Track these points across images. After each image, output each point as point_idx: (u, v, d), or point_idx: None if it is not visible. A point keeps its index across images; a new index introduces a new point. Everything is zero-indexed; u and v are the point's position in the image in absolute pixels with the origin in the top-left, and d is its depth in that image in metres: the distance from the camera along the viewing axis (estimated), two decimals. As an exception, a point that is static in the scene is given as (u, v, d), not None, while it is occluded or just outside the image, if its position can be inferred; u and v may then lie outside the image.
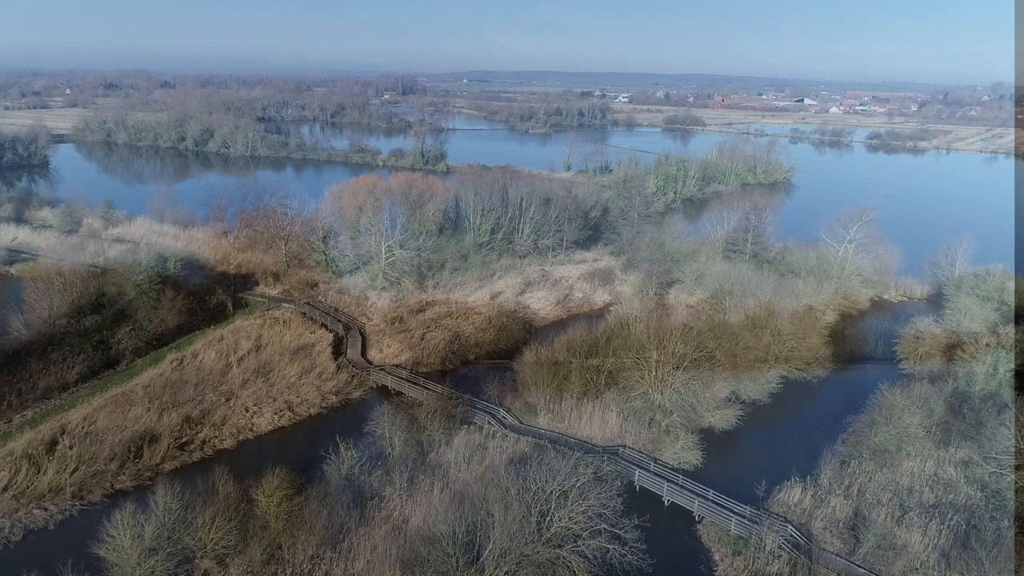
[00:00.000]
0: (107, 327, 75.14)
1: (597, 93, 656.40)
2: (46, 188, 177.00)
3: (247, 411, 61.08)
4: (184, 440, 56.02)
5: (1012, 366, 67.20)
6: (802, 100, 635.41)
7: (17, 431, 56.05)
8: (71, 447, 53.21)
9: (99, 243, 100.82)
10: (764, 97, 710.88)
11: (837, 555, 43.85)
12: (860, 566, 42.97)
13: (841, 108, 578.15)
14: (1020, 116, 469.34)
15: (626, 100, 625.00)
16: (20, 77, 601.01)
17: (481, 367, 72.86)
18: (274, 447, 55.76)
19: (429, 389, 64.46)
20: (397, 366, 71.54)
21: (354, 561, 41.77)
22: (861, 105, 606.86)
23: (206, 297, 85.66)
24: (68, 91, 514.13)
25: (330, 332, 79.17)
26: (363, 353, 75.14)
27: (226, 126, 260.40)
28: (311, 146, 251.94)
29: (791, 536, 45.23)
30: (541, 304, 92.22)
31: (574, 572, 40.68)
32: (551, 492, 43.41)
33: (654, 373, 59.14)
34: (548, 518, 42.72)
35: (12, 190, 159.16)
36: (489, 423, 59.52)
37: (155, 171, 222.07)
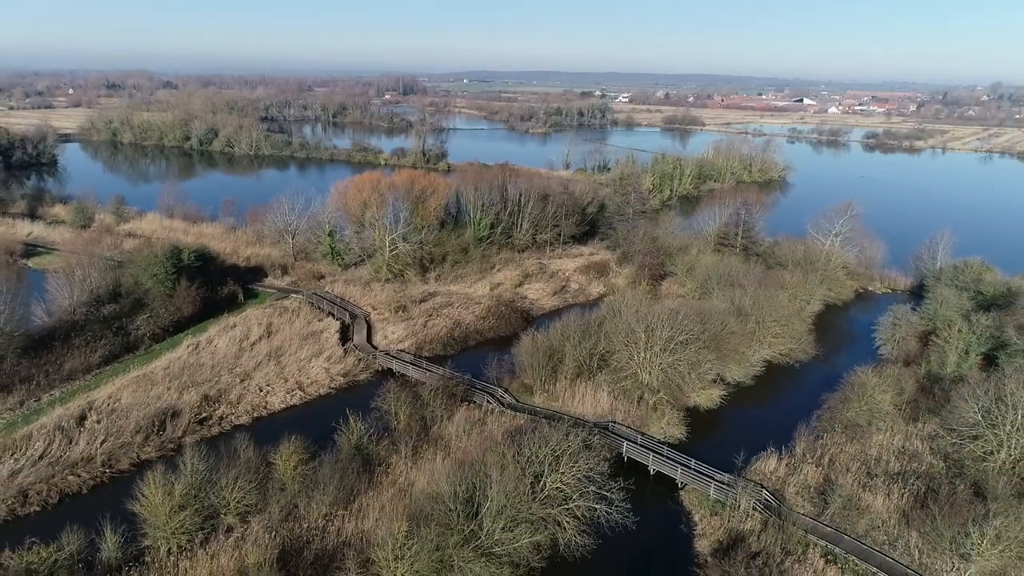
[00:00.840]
0: (125, 315, 79.21)
1: (597, 93, 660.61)
2: (55, 186, 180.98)
3: (261, 391, 65.16)
4: (203, 416, 60.03)
5: (982, 350, 71.44)
6: (801, 100, 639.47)
7: (47, 407, 60.07)
8: (99, 421, 57.24)
9: (114, 238, 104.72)
10: (764, 97, 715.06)
11: (806, 515, 47.78)
12: (827, 525, 46.91)
13: (840, 108, 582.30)
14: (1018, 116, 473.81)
15: (626, 100, 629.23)
16: (23, 77, 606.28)
17: (480, 352, 76.67)
18: (287, 423, 59.32)
19: (431, 371, 68.40)
20: (401, 351, 75.58)
21: (364, 519, 45.74)
22: (860, 105, 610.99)
23: (218, 287, 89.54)
24: (71, 91, 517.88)
25: (337, 320, 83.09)
26: (368, 339, 79.12)
27: (230, 126, 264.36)
28: (314, 145, 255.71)
29: (765, 499, 49.18)
30: (539, 295, 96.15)
31: (564, 528, 44.66)
32: (544, 457, 47.35)
33: (642, 355, 63.01)
34: (542, 481, 46.65)
35: (23, 188, 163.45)
36: (488, 401, 63.47)
37: (161, 170, 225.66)
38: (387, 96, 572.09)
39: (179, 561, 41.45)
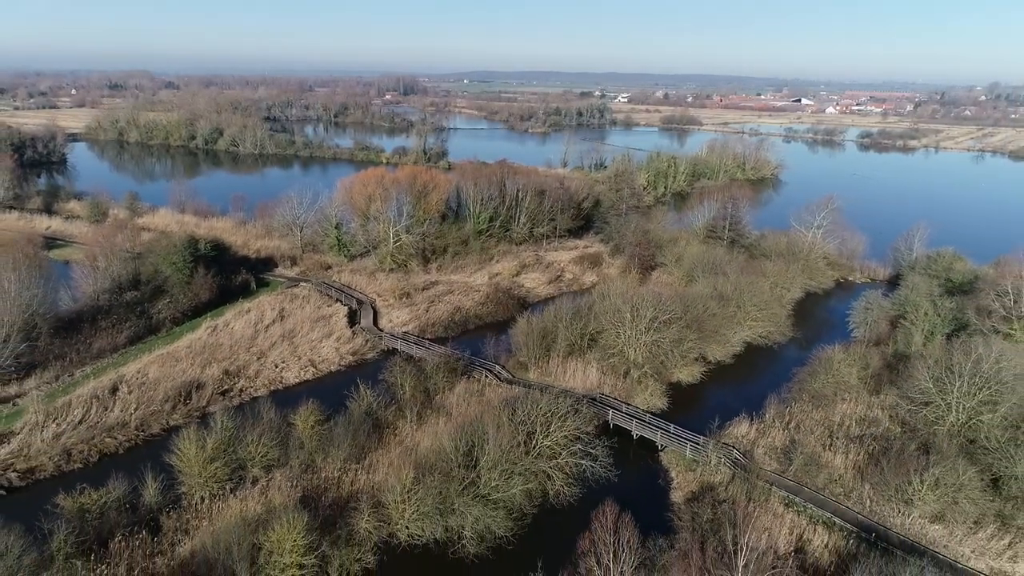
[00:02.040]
0: (146, 300, 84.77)
1: (597, 93, 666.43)
2: (66, 184, 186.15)
3: (276, 367, 70.63)
4: (225, 388, 65.52)
5: (946, 331, 76.75)
6: (799, 100, 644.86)
7: (81, 380, 65.50)
8: (130, 392, 62.65)
9: (131, 231, 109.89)
10: (762, 97, 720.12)
11: (771, 471, 53.10)
12: (790, 479, 52.25)
13: (838, 108, 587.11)
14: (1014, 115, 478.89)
15: (625, 100, 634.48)
16: (25, 77, 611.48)
17: (479, 335, 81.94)
18: (301, 395, 64.49)
19: (434, 350, 73.71)
20: (406, 332, 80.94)
21: (375, 473, 51.08)
22: (858, 105, 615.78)
23: (232, 276, 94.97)
24: (74, 91, 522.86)
25: (344, 306, 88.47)
26: (375, 323, 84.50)
27: (234, 125, 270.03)
28: (317, 144, 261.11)
29: (735, 458, 54.50)
30: (535, 284, 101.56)
31: (554, 480, 50.07)
32: (536, 418, 52.76)
33: (628, 333, 68.36)
34: (534, 439, 52.07)
35: (36, 185, 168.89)
36: (486, 376, 68.83)
37: (167, 168, 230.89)
38: (388, 96, 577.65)
39: (212, 505, 46.82)
